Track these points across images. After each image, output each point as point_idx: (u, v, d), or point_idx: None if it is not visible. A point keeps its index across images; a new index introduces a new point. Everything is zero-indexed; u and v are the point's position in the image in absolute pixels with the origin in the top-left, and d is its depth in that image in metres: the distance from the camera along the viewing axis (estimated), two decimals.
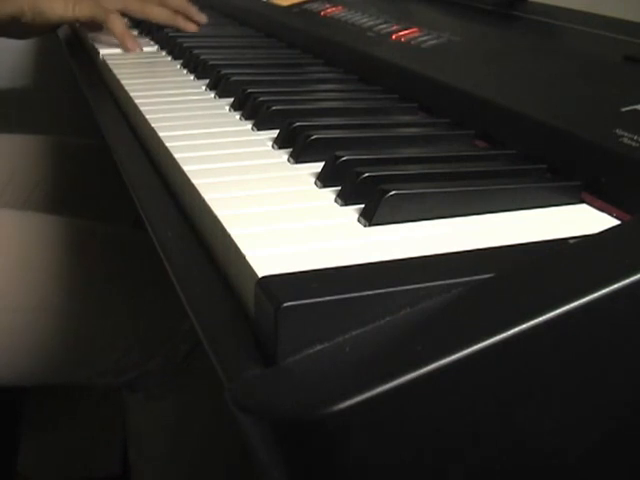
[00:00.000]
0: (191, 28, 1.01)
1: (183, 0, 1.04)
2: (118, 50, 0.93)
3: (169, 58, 0.90)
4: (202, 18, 1.04)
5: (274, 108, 0.60)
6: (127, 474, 0.93)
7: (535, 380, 0.32)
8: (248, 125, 0.61)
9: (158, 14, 1.00)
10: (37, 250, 0.80)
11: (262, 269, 0.35)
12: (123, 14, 1.00)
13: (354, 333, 0.32)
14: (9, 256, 0.78)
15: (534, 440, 0.33)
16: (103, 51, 0.91)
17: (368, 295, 0.32)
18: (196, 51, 0.84)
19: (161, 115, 0.63)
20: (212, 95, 0.71)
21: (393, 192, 0.40)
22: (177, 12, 1.02)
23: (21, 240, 0.81)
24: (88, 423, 1.10)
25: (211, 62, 0.78)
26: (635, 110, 0.47)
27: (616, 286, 0.32)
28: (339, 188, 0.46)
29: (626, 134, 0.44)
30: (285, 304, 0.31)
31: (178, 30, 1.00)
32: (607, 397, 0.34)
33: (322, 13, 0.90)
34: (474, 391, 0.31)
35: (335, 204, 0.44)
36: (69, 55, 1.07)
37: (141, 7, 1.00)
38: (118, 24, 0.94)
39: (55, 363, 0.78)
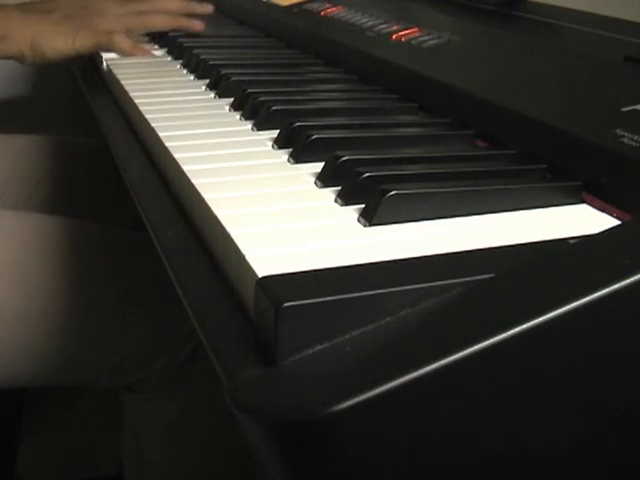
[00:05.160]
0: (196, 26, 0.99)
1: (181, 1, 1.02)
2: None
3: (169, 58, 0.90)
4: (207, 9, 1.02)
5: (274, 108, 0.60)
6: None
7: (535, 380, 0.32)
8: (248, 125, 0.61)
9: (161, 23, 0.97)
10: (36, 252, 0.80)
11: (262, 269, 0.35)
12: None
13: (354, 333, 0.32)
14: (8, 258, 0.78)
15: (535, 440, 0.33)
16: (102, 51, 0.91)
17: (368, 295, 0.32)
18: (196, 51, 0.84)
19: (161, 115, 0.63)
20: (212, 95, 0.71)
21: (393, 192, 0.40)
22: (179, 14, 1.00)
23: (21, 242, 0.81)
24: (87, 423, 1.10)
25: (211, 62, 0.78)
26: (635, 110, 0.47)
27: (616, 286, 0.32)
28: (339, 188, 0.46)
29: (626, 134, 0.44)
30: (285, 304, 0.31)
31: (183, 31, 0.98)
32: (607, 396, 0.34)
33: (322, 13, 0.90)
34: (474, 391, 0.31)
35: (335, 204, 0.44)
36: None
37: (141, 21, 0.96)
38: (124, 43, 0.91)
39: (55, 366, 0.78)
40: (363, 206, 0.42)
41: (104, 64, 0.88)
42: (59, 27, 0.89)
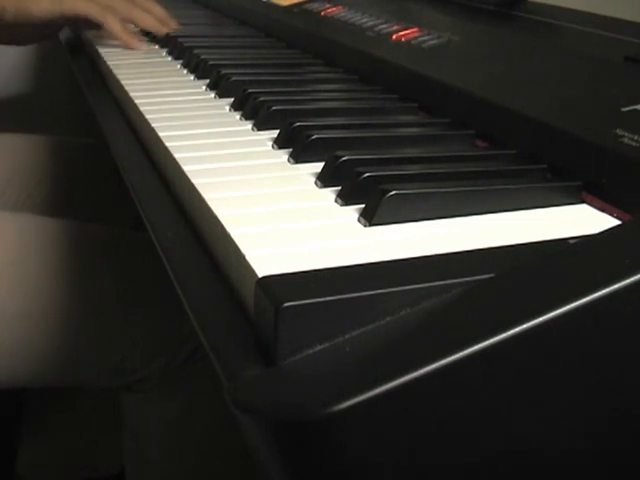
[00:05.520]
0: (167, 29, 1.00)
1: (164, 12, 1.01)
2: (118, 50, 0.93)
3: (169, 58, 0.90)
4: (175, 27, 1.02)
5: (274, 108, 0.60)
6: None
7: (535, 380, 0.32)
8: (248, 125, 0.61)
9: (146, 21, 0.97)
10: (36, 252, 0.80)
11: (262, 269, 0.35)
12: None
13: (354, 333, 0.32)
14: (8, 258, 0.78)
15: (535, 440, 0.33)
16: (103, 51, 0.91)
17: (368, 295, 0.32)
18: (196, 51, 0.84)
19: (161, 115, 0.63)
20: (212, 95, 0.71)
21: (393, 192, 0.40)
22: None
23: (21, 242, 0.81)
24: (87, 423, 1.10)
25: (211, 62, 0.78)
26: (635, 110, 0.47)
27: (616, 286, 0.32)
28: (339, 188, 0.46)
29: (626, 134, 0.44)
30: (285, 304, 0.31)
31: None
32: (607, 397, 0.34)
33: (322, 13, 0.90)
34: (474, 391, 0.31)
35: (335, 204, 0.44)
36: (69, 55, 1.07)
37: (129, 10, 0.96)
38: (116, 23, 0.91)
39: (55, 366, 0.78)
40: (363, 206, 0.42)
41: (100, 57, 0.88)
42: None
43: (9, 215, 0.90)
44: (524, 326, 0.31)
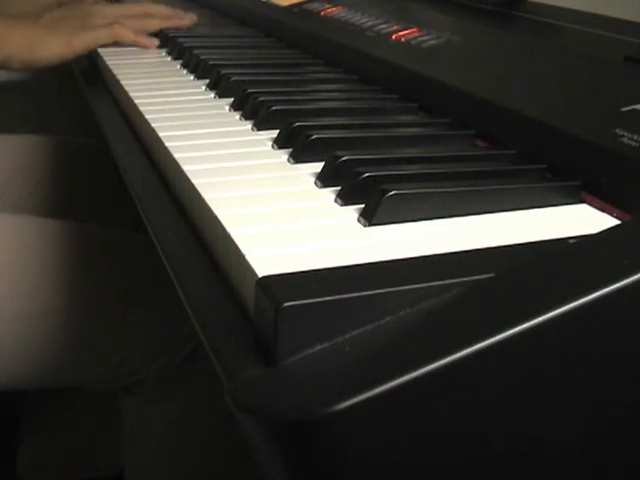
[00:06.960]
0: (189, 22, 1.00)
1: (168, 10, 1.01)
2: (118, 50, 0.93)
3: (169, 58, 0.90)
4: (191, 18, 1.02)
5: (274, 108, 0.60)
6: None
7: (535, 380, 0.32)
8: (248, 125, 0.61)
9: (154, 25, 0.97)
10: (36, 253, 0.80)
11: (262, 269, 0.35)
12: None
13: (354, 333, 0.32)
14: (8, 259, 0.78)
15: (535, 440, 0.33)
16: (102, 51, 0.91)
17: (368, 295, 0.32)
18: (196, 51, 0.84)
19: (161, 115, 0.63)
20: (212, 95, 0.71)
21: (393, 192, 0.40)
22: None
23: (21, 243, 0.81)
24: (87, 423, 1.10)
25: (211, 62, 0.78)
26: (635, 110, 0.47)
27: (616, 286, 0.32)
28: (339, 188, 0.46)
29: (626, 134, 0.44)
30: (285, 304, 0.31)
31: (177, 29, 0.99)
32: (606, 396, 0.34)
33: (322, 13, 0.90)
34: (474, 391, 0.31)
35: (335, 204, 0.44)
36: None
37: (134, 22, 0.95)
38: (126, 31, 0.90)
39: (55, 367, 0.78)
40: (363, 206, 0.42)
41: (100, 57, 0.88)
42: (51, 30, 0.88)
43: (9, 216, 0.90)
44: (524, 326, 0.31)
